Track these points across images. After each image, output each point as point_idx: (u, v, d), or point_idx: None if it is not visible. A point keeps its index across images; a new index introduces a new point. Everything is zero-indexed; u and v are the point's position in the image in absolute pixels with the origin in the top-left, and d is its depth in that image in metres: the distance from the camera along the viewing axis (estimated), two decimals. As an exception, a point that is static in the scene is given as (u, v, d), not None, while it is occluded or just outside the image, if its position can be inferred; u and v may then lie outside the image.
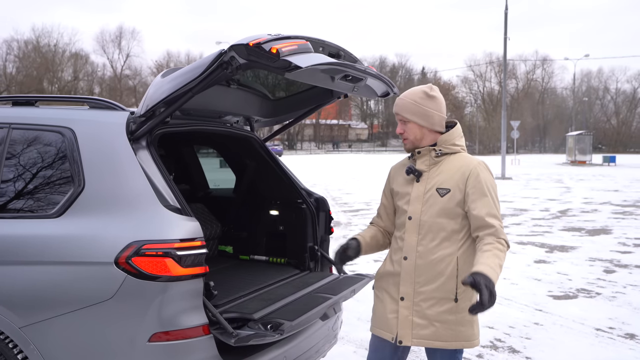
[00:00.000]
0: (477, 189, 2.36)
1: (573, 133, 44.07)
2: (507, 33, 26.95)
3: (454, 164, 2.44)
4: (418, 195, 2.46)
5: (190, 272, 2.36)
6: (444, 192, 2.39)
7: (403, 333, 2.41)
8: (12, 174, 2.76)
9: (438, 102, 2.50)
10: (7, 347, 2.49)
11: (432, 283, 2.38)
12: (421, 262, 2.40)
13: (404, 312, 2.42)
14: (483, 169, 2.42)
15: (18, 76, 63.97)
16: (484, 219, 2.32)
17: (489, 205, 2.35)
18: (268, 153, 3.87)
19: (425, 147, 2.48)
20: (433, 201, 2.41)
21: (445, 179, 2.42)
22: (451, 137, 2.49)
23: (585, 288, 6.22)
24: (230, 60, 2.35)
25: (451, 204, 2.38)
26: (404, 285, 2.43)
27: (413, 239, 2.43)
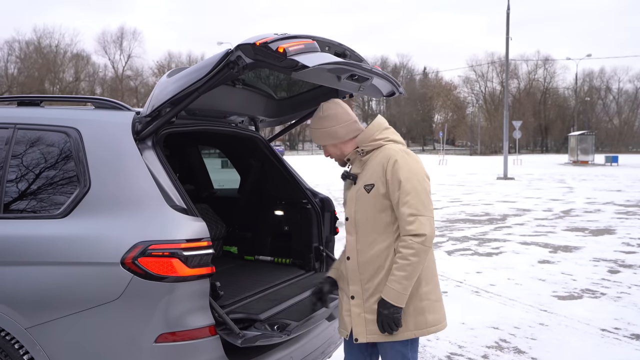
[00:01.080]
0: (394, 179, 2.37)
1: (575, 133, 44.03)
2: (509, 33, 26.94)
3: (377, 158, 2.48)
4: (352, 195, 2.53)
5: (196, 273, 2.35)
6: (370, 188, 2.44)
7: (357, 331, 2.46)
8: (18, 174, 2.75)
9: (334, 117, 2.55)
10: (13, 347, 2.48)
11: (375, 278, 2.43)
12: (362, 260, 2.45)
13: (355, 310, 2.47)
14: (401, 158, 2.40)
15: (20, 77, 64.10)
16: (399, 212, 2.36)
17: (403, 201, 2.34)
18: (273, 153, 3.86)
19: (352, 152, 2.56)
20: (363, 199, 2.46)
21: (369, 174, 2.47)
22: (367, 134, 2.54)
23: (590, 288, 6.20)
24: (237, 59, 2.34)
25: (378, 198, 2.42)
26: (352, 284, 2.49)
27: (352, 238, 2.50)
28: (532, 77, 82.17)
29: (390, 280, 2.33)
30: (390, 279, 2.34)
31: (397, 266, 2.33)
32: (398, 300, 2.33)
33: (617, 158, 39.76)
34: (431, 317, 2.43)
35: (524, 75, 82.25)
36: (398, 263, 2.33)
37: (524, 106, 74.53)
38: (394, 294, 2.32)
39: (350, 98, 3.69)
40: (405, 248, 2.31)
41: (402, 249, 2.32)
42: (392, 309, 2.33)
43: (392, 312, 2.33)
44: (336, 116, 2.55)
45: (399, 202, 2.35)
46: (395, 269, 2.33)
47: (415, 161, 2.45)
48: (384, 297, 2.34)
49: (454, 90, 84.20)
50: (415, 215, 2.32)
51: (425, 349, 4.35)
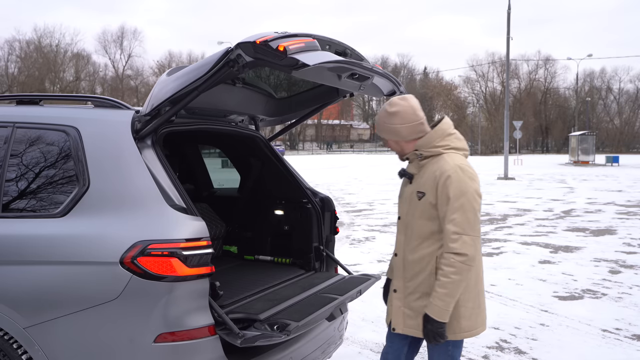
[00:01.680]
0: (443, 195, 2.40)
1: (576, 133, 43.95)
2: (510, 33, 26.90)
3: (433, 168, 2.49)
4: (406, 196, 2.60)
5: (196, 272, 2.34)
6: (421, 196, 2.49)
7: (396, 322, 2.60)
8: (17, 173, 2.74)
9: (401, 114, 2.53)
10: (12, 347, 2.47)
11: (416, 278, 2.52)
12: (407, 259, 2.56)
13: (396, 303, 2.60)
14: (454, 174, 2.40)
15: (20, 76, 64.04)
16: (445, 228, 2.39)
17: (449, 218, 2.37)
18: (273, 152, 3.84)
19: (411, 153, 2.58)
20: (414, 204, 2.53)
21: (423, 182, 2.51)
22: (429, 140, 2.53)
23: (591, 289, 6.19)
24: (237, 58, 2.32)
25: (427, 207, 2.47)
26: (396, 279, 2.63)
27: (401, 237, 2.61)
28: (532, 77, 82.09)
29: (433, 297, 2.38)
30: (433, 295, 2.39)
31: (440, 283, 2.37)
32: (441, 316, 2.38)
33: (617, 158, 39.71)
34: (465, 323, 2.48)
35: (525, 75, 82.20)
36: (440, 280, 2.37)
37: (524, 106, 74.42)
38: (437, 310, 2.38)
39: (350, 97, 3.68)
40: (447, 266, 2.36)
41: (444, 266, 2.37)
42: (436, 324, 2.39)
43: (436, 327, 2.39)
44: (403, 115, 2.52)
45: (445, 218, 2.38)
46: (437, 286, 2.38)
47: (470, 178, 2.43)
48: (427, 313, 2.41)
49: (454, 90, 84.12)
50: (459, 234, 2.34)
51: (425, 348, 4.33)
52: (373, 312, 5.20)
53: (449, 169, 2.41)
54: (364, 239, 9.40)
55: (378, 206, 14.35)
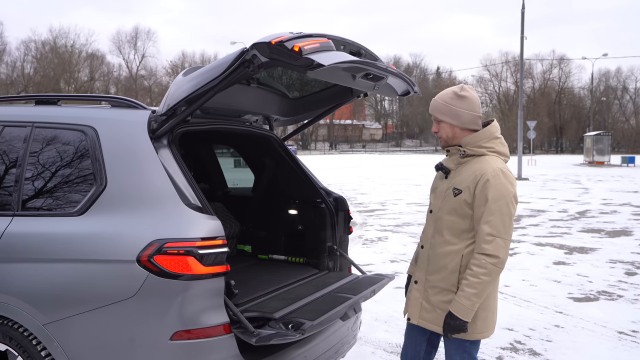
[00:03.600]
0: (482, 195, 2.41)
1: (591, 133, 43.47)
2: (523, 32, 26.68)
3: (473, 167, 2.50)
4: (441, 191, 2.60)
5: (211, 271, 2.36)
6: (457, 193, 2.49)
7: (412, 312, 2.65)
8: (36, 172, 2.78)
9: (469, 101, 2.54)
10: (31, 343, 2.50)
11: (438, 273, 2.55)
12: (433, 253, 2.58)
13: (415, 294, 2.64)
14: (495, 176, 2.41)
15: (36, 77, 64.81)
16: (479, 229, 2.41)
17: (485, 220, 2.39)
18: (287, 152, 3.86)
19: (454, 147, 2.56)
20: (449, 200, 2.53)
21: (461, 180, 2.51)
22: (476, 139, 2.53)
23: (606, 290, 6.12)
24: (252, 58, 2.34)
25: (462, 205, 2.47)
26: (418, 271, 2.66)
27: (429, 230, 2.62)
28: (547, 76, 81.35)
29: (460, 296, 2.40)
30: (459, 294, 2.41)
31: (468, 283, 2.38)
32: (466, 315, 2.41)
33: (633, 159, 39.22)
34: (480, 325, 2.51)
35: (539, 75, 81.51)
36: (469, 280, 2.38)
37: (538, 106, 73.75)
38: (463, 310, 2.40)
39: (364, 97, 3.69)
40: (478, 267, 2.37)
41: (474, 267, 2.38)
42: (460, 322, 2.41)
43: (459, 325, 2.42)
44: (471, 101, 2.53)
45: (481, 219, 2.40)
46: (465, 286, 2.39)
47: (510, 182, 2.45)
48: (452, 311, 2.42)
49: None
50: (493, 236, 2.36)
51: (440, 349, 4.32)
52: (386, 312, 5.20)
53: (491, 171, 2.42)
54: (376, 239, 9.39)
55: (390, 206, 14.32)
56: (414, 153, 77.74)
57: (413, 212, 13.01)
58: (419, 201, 15.34)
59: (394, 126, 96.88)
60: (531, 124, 33.38)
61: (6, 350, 2.60)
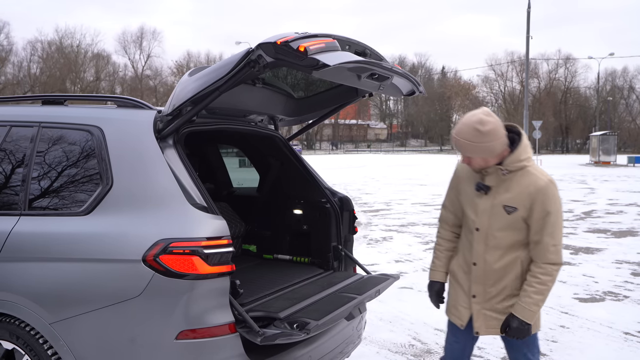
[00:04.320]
0: (543, 210, 2.45)
1: (597, 133, 43.27)
2: (529, 32, 26.64)
3: (522, 182, 2.49)
4: (485, 209, 2.56)
5: (217, 271, 2.37)
6: (511, 210, 2.50)
7: (478, 325, 2.65)
8: (42, 172, 2.80)
9: (494, 131, 2.43)
10: (38, 342, 2.52)
11: (498, 284, 2.59)
12: (489, 268, 2.59)
13: (476, 307, 2.64)
14: (549, 190, 2.47)
15: (42, 77, 65.16)
16: (543, 241, 2.46)
17: (548, 232, 2.46)
18: (292, 152, 3.86)
19: (493, 167, 2.51)
20: (500, 216, 2.52)
21: (512, 197, 2.50)
22: (516, 156, 2.50)
23: (612, 291, 6.10)
24: (258, 58, 2.35)
25: (517, 220, 2.50)
26: (475, 285, 2.64)
27: (481, 248, 2.59)
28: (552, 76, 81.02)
29: (528, 303, 2.48)
30: (527, 300, 2.49)
31: (536, 290, 2.48)
32: (532, 319, 2.51)
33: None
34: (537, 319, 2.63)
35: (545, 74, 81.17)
36: (536, 288, 2.48)
37: (544, 106, 73.47)
38: (530, 315, 2.50)
39: (369, 97, 3.69)
40: (545, 275, 2.48)
41: (541, 275, 2.48)
42: (526, 326, 2.51)
43: (526, 328, 2.51)
44: (496, 131, 2.43)
45: (543, 232, 2.45)
46: (533, 293, 2.48)
47: (557, 190, 2.51)
48: (519, 317, 2.50)
49: (472, 90, 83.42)
50: (556, 246, 2.47)
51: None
52: (391, 312, 5.20)
53: (544, 186, 2.46)
54: (381, 239, 9.38)
55: (395, 206, 14.30)
56: (419, 153, 77.63)
57: (418, 212, 12.99)
58: (424, 201, 15.32)
59: (399, 126, 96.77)
60: (537, 124, 33.31)
61: (13, 349, 2.62)
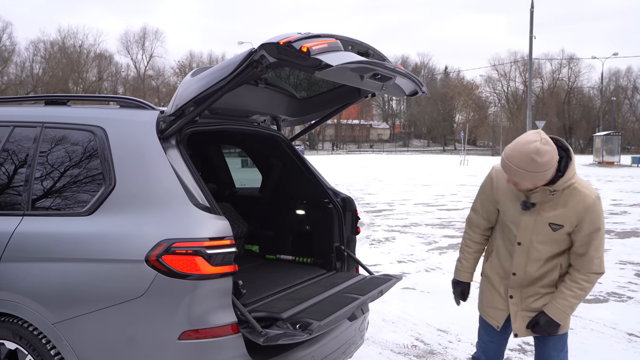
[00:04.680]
0: (592, 226, 2.49)
1: (601, 133, 43.13)
2: (532, 32, 26.58)
3: (569, 201, 2.48)
4: (528, 224, 2.57)
5: (219, 271, 2.37)
6: (557, 228, 2.52)
7: (517, 327, 2.70)
8: (45, 172, 2.80)
9: (550, 162, 2.36)
10: (41, 342, 2.52)
11: (534, 286, 2.66)
12: (528, 277, 2.66)
13: (514, 308, 2.70)
14: (597, 207, 2.49)
15: (44, 77, 65.26)
16: (589, 254, 2.52)
17: (594, 246, 2.51)
18: (295, 152, 3.86)
19: (541, 187, 2.46)
20: (544, 233, 2.55)
21: (559, 214, 2.50)
22: (567, 178, 2.45)
23: (616, 292, 6.07)
24: (260, 59, 2.34)
25: (563, 236, 2.55)
26: (512, 289, 2.71)
27: (522, 260, 2.64)
28: (556, 76, 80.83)
29: (564, 305, 2.56)
30: (563, 303, 2.56)
31: (574, 295, 2.56)
32: (564, 320, 2.61)
33: (644, 159, 38.87)
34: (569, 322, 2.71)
35: (548, 74, 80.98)
36: (575, 292, 2.56)
37: (547, 106, 73.28)
38: (564, 316, 2.59)
39: (371, 97, 3.68)
40: (587, 282, 2.56)
41: (583, 282, 2.56)
42: (555, 325, 2.59)
43: (554, 328, 2.60)
44: (552, 161, 2.36)
45: (590, 246, 2.51)
46: (571, 297, 2.56)
47: (601, 207, 2.54)
48: (552, 317, 2.58)
49: (475, 90, 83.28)
50: (600, 258, 2.55)
51: (447, 350, 4.31)
52: (394, 313, 5.19)
53: (592, 204, 2.47)
54: (384, 240, 9.37)
55: (398, 206, 14.29)
56: (421, 153, 77.54)
57: (421, 213, 12.97)
58: (427, 201, 15.30)
59: (402, 126, 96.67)
60: (540, 124, 33.21)
61: (16, 349, 2.62)
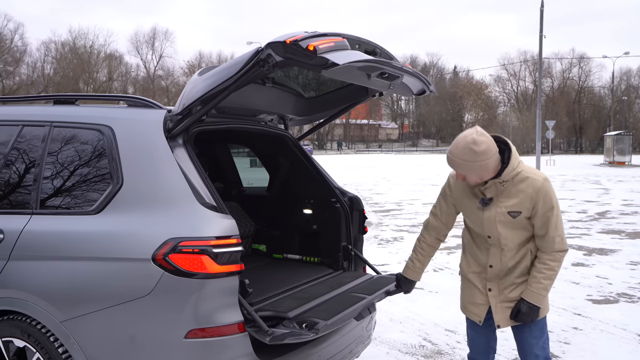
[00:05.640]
0: (546, 207, 2.59)
1: (611, 133, 42.75)
2: (542, 31, 26.37)
3: (520, 187, 2.61)
4: (491, 217, 2.68)
5: (226, 270, 2.37)
6: (516, 215, 2.63)
7: (498, 318, 2.77)
8: (54, 171, 2.82)
9: (487, 151, 2.52)
10: (49, 340, 2.54)
11: (510, 276, 2.74)
12: (504, 267, 2.74)
13: (493, 300, 2.77)
14: (546, 187, 2.60)
15: (55, 77, 65.80)
16: (549, 234, 2.62)
17: (552, 225, 2.61)
18: (302, 151, 3.86)
19: (491, 181, 2.62)
20: (507, 222, 2.66)
21: (515, 202, 2.62)
22: (511, 167, 2.61)
23: (626, 293, 6.01)
24: (267, 58, 2.34)
25: (523, 222, 2.65)
26: (490, 282, 2.78)
27: (497, 251, 2.74)
28: (566, 75, 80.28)
29: (539, 288, 2.64)
30: (537, 286, 2.64)
31: (545, 276, 2.64)
32: (541, 303, 2.67)
33: (655, 159, 38.48)
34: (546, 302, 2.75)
35: (558, 74, 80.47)
36: (546, 273, 2.64)
37: (557, 105, 72.84)
38: (540, 299, 2.65)
39: (379, 96, 3.67)
40: (553, 261, 2.65)
41: (549, 262, 2.65)
42: (536, 309, 2.66)
43: (535, 311, 2.66)
44: (490, 150, 2.53)
45: (548, 226, 2.61)
46: (542, 278, 2.64)
47: (551, 184, 2.65)
48: (530, 301, 2.65)
49: (485, 90, 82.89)
50: (560, 236, 2.66)
51: (455, 350, 4.29)
52: (401, 313, 5.17)
53: (541, 185, 2.58)
54: (392, 239, 9.35)
55: (406, 206, 14.25)
56: (430, 153, 77.28)
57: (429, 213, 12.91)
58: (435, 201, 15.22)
59: (411, 126, 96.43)
60: (550, 124, 33.02)
61: (24, 347, 2.64)
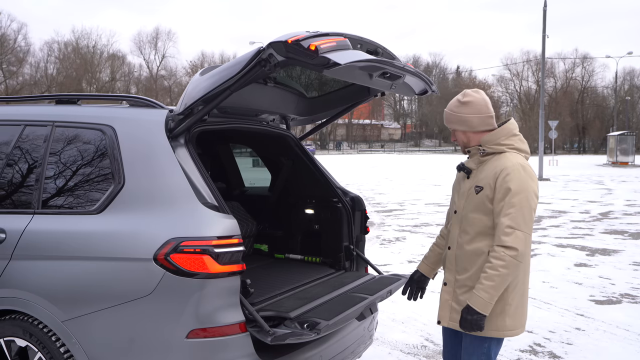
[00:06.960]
0: (502, 189, 2.42)
1: (615, 133, 42.68)
2: (545, 31, 26.29)
3: (494, 164, 2.52)
4: (464, 191, 2.61)
5: (227, 270, 2.37)
6: (479, 190, 2.51)
7: (442, 315, 2.64)
8: (56, 171, 2.82)
9: (473, 105, 2.56)
10: (50, 340, 2.54)
11: (466, 272, 2.54)
12: (459, 253, 2.58)
13: (445, 296, 2.64)
14: (515, 170, 2.42)
15: (58, 77, 65.87)
16: (499, 221, 2.40)
17: (508, 213, 2.38)
18: (304, 151, 3.85)
19: (474, 147, 2.59)
20: (471, 198, 2.55)
21: (482, 176, 2.53)
22: (494, 137, 2.55)
23: (629, 293, 6.00)
24: (269, 57, 2.34)
25: (484, 201, 2.48)
26: (447, 272, 2.66)
27: (455, 231, 2.62)
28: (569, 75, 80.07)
29: (478, 289, 2.39)
30: (477, 287, 2.39)
31: (486, 276, 2.37)
32: (484, 309, 2.38)
33: (659, 159, 38.39)
34: (509, 322, 2.48)
35: (561, 73, 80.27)
36: (487, 273, 2.37)
37: (560, 105, 72.61)
38: (481, 303, 2.37)
39: (382, 96, 3.66)
40: (496, 259, 2.36)
41: (492, 259, 2.37)
42: (477, 316, 2.39)
43: (476, 319, 2.39)
44: (475, 105, 2.56)
45: (501, 212, 2.40)
46: (483, 278, 2.38)
47: (530, 177, 2.46)
48: (470, 304, 2.40)
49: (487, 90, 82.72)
50: (513, 229, 2.35)
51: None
52: (403, 313, 5.17)
53: (510, 166, 2.44)
54: (394, 239, 9.34)
55: (409, 206, 14.23)
56: (433, 153, 77.20)
57: (432, 213, 12.91)
58: (437, 201, 15.23)
59: (413, 126, 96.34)
60: (553, 124, 32.92)
61: (26, 347, 2.64)
